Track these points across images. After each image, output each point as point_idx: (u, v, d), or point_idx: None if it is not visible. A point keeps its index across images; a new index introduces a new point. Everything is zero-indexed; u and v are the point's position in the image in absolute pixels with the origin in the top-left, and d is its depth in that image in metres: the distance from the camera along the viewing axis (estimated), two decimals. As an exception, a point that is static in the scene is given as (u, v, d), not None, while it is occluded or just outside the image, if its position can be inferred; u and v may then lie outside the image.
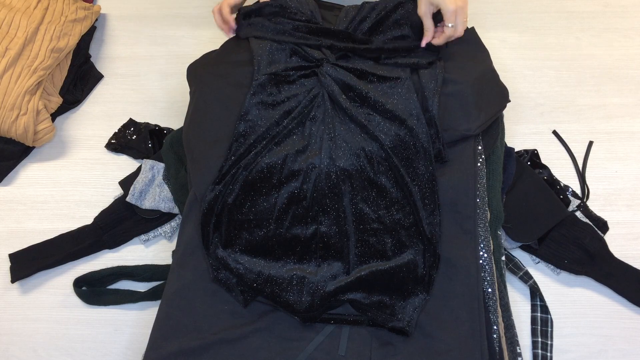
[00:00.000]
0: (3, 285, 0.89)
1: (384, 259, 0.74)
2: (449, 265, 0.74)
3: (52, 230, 0.92)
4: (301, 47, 0.86)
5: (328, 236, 0.75)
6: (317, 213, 0.76)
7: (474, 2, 1.16)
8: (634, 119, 1.01)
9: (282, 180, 0.76)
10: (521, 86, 1.05)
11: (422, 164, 0.77)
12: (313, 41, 0.86)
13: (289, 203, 0.76)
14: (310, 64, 0.85)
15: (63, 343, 0.84)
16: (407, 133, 0.78)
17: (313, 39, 0.86)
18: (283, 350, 0.70)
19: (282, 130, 0.79)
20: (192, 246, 0.77)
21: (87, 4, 1.12)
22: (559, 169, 0.95)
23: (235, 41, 0.94)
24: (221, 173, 0.77)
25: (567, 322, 0.83)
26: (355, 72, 0.83)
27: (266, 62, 0.84)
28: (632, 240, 0.89)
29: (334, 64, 0.83)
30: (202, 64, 0.93)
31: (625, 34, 1.11)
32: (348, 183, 0.76)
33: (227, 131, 0.81)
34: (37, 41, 1.01)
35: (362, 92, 0.80)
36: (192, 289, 0.74)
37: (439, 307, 0.72)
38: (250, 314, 0.73)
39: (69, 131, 1.03)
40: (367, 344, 0.70)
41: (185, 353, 0.70)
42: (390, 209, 0.76)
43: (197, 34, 1.14)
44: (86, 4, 1.12)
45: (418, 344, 0.69)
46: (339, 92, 0.80)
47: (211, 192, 0.76)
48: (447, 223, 0.77)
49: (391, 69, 0.84)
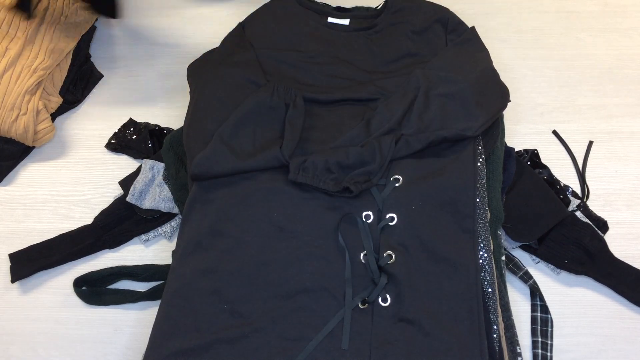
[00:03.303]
0: (3, 285, 0.89)
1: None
2: (448, 264, 0.74)
3: (52, 230, 0.92)
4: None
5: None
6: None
7: (474, 2, 1.16)
8: (634, 119, 1.01)
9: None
10: (521, 86, 1.05)
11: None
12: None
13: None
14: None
15: (63, 343, 0.84)
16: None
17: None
18: (283, 350, 0.70)
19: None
20: (192, 246, 0.77)
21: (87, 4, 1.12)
22: (559, 169, 0.95)
23: (236, 41, 0.94)
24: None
25: (567, 322, 0.83)
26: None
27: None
28: (632, 240, 0.89)
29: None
30: (202, 63, 0.93)
31: (625, 34, 1.11)
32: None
33: (227, 131, 0.81)
34: (37, 41, 1.01)
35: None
36: (192, 289, 0.74)
37: (438, 305, 0.72)
38: (250, 314, 0.73)
39: (69, 131, 1.03)
40: (367, 343, 0.70)
41: (185, 353, 0.70)
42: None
43: (197, 34, 1.14)
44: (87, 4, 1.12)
45: (417, 343, 0.69)
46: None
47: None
48: (447, 222, 0.77)
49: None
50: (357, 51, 0.95)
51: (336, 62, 0.94)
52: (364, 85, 0.90)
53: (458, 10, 1.05)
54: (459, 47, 0.93)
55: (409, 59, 0.94)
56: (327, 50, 0.95)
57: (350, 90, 0.90)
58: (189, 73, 0.93)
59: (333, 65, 0.93)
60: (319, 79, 0.92)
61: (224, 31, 0.99)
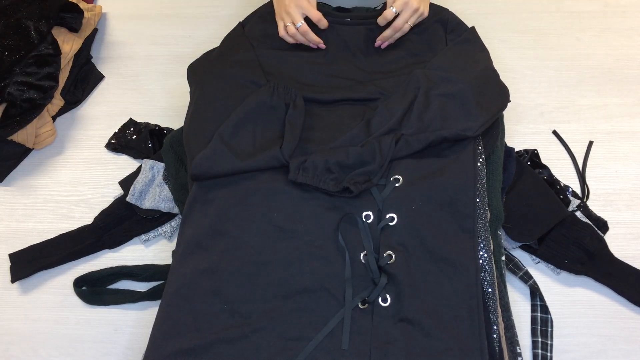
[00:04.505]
0: (3, 285, 0.89)
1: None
2: (448, 263, 0.74)
3: (52, 230, 0.92)
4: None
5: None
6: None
7: (474, 2, 1.16)
8: (634, 119, 1.01)
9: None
10: (521, 86, 1.05)
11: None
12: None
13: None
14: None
15: (63, 343, 0.84)
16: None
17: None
18: (283, 350, 0.70)
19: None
20: (192, 246, 0.77)
21: (88, 4, 1.12)
22: (559, 169, 0.95)
23: (236, 40, 0.94)
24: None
25: (567, 322, 0.83)
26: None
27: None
28: (632, 240, 0.89)
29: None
30: (202, 63, 0.93)
31: (625, 34, 1.11)
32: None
33: (227, 131, 0.82)
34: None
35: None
36: (192, 289, 0.74)
37: (438, 305, 0.72)
38: (250, 314, 0.73)
39: (69, 131, 1.03)
40: (367, 343, 0.70)
41: (185, 353, 0.70)
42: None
43: (197, 34, 1.14)
44: (88, 4, 1.12)
45: (417, 343, 0.69)
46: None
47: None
48: (447, 222, 0.77)
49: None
50: (358, 51, 0.95)
51: (336, 62, 0.94)
52: (364, 85, 0.90)
53: (458, 10, 1.05)
54: (459, 47, 0.93)
55: (409, 59, 0.94)
56: (327, 50, 0.95)
57: (350, 90, 0.90)
58: (189, 73, 0.93)
59: (333, 65, 0.93)
60: (319, 79, 0.92)
61: (224, 31, 0.99)
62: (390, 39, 0.93)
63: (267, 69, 0.92)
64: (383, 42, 0.93)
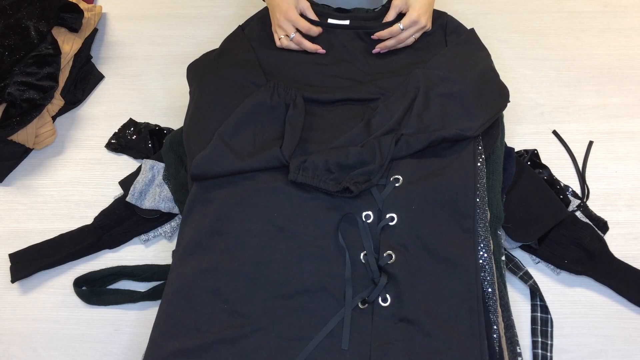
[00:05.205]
0: (3, 285, 0.89)
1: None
2: (448, 263, 0.74)
3: (52, 230, 0.92)
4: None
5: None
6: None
7: (474, 2, 1.16)
8: (634, 119, 1.01)
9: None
10: (521, 86, 1.05)
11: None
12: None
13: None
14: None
15: (63, 343, 0.84)
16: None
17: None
18: (283, 350, 0.70)
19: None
20: (192, 246, 0.77)
21: (88, 4, 1.13)
22: (559, 169, 0.95)
23: (235, 42, 0.94)
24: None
25: (567, 322, 0.83)
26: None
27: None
28: (632, 240, 0.89)
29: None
30: (202, 63, 0.93)
31: (625, 34, 1.11)
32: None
33: (227, 131, 0.81)
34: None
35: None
36: (192, 289, 0.74)
37: (438, 305, 0.72)
38: (250, 313, 0.73)
39: (69, 131, 1.03)
40: (367, 343, 0.70)
41: (185, 353, 0.70)
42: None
43: (197, 34, 1.14)
44: (88, 5, 1.12)
45: (417, 343, 0.69)
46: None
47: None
48: (447, 222, 0.77)
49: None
50: (357, 51, 0.95)
51: (336, 62, 0.94)
52: (364, 85, 0.90)
53: (458, 10, 1.05)
54: (459, 47, 0.93)
55: (409, 59, 0.94)
56: (327, 51, 0.95)
57: (350, 90, 0.90)
58: (189, 73, 0.93)
59: (333, 65, 0.93)
60: (319, 79, 0.92)
61: (224, 31, 0.99)
62: (391, 48, 0.94)
63: (267, 69, 0.92)
64: (382, 50, 0.94)
